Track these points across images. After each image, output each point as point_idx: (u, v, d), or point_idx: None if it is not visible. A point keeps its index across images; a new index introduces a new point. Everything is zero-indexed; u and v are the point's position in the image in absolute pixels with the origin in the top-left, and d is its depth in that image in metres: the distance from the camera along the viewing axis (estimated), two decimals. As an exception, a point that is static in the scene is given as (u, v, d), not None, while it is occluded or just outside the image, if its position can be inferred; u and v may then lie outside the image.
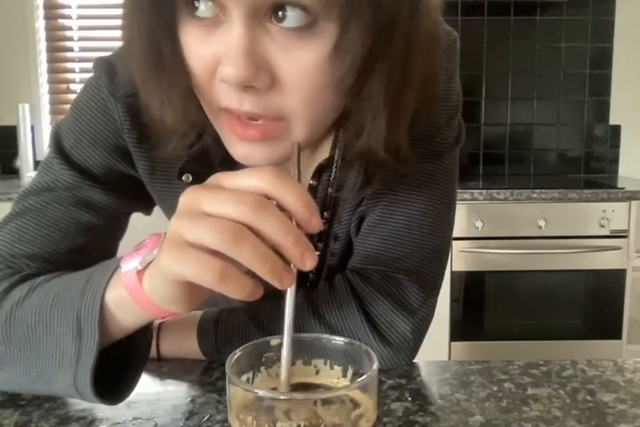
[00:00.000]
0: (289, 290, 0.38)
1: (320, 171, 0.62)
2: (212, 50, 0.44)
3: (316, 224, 0.38)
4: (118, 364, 0.51)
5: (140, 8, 0.45)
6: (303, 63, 0.44)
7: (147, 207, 0.68)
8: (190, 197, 0.38)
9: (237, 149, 0.49)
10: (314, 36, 0.43)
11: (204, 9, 0.43)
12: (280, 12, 0.42)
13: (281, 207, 0.37)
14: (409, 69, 0.48)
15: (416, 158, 0.58)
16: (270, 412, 0.34)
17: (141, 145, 0.60)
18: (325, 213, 0.64)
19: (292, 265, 0.38)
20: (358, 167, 0.59)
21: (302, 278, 0.69)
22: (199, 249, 0.36)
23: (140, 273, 0.43)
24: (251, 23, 0.42)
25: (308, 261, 0.37)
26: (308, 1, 0.41)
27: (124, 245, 0.61)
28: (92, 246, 0.61)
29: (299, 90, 0.45)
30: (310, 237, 0.65)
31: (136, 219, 0.69)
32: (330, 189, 0.63)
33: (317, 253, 0.67)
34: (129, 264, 0.44)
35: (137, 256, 0.44)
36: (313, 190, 0.63)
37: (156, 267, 0.41)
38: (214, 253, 0.36)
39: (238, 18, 0.42)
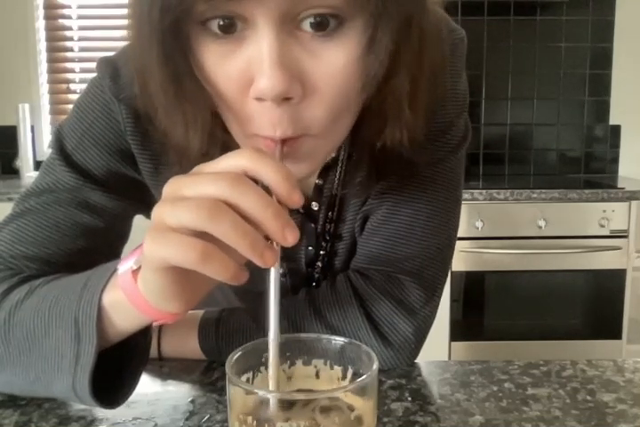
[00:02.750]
0: (272, 270, 0.38)
1: (326, 170, 0.62)
2: (239, 66, 0.42)
3: (297, 199, 0.37)
4: (117, 367, 0.50)
5: (151, 34, 0.43)
6: (335, 65, 0.43)
7: (149, 210, 0.67)
8: (172, 185, 0.38)
9: None
10: (342, 37, 0.42)
11: (224, 25, 0.41)
12: (308, 18, 0.41)
13: (262, 186, 0.37)
14: (423, 61, 0.48)
15: (423, 157, 0.58)
16: (270, 412, 0.34)
17: (145, 147, 0.59)
18: (330, 213, 0.64)
19: (274, 244, 0.37)
20: (366, 165, 0.58)
21: (307, 279, 0.69)
22: (181, 232, 0.36)
23: (135, 273, 0.43)
24: (280, 33, 0.41)
25: (290, 236, 0.37)
26: (337, 5, 0.40)
27: (127, 248, 0.61)
28: (93, 248, 0.61)
29: (331, 91, 0.43)
30: (316, 236, 0.66)
31: (139, 221, 0.68)
32: (335, 189, 0.63)
33: (322, 252, 0.67)
34: (125, 265, 0.44)
35: (132, 257, 0.44)
36: (319, 190, 0.63)
37: (143, 258, 0.40)
38: (197, 235, 0.36)
39: (266, 29, 0.40)
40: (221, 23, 0.41)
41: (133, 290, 0.43)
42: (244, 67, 0.42)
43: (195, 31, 0.42)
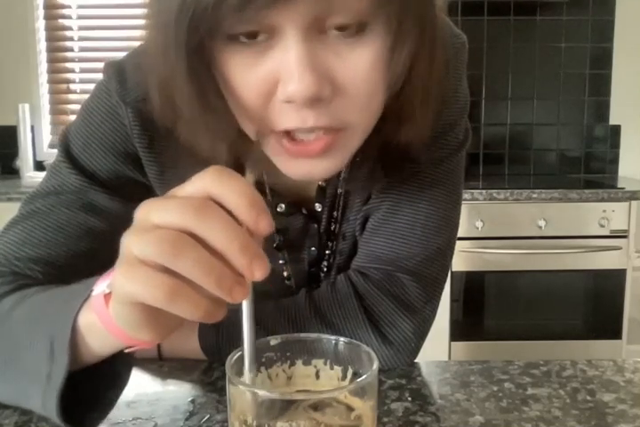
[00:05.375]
0: (244, 303, 0.36)
1: None
2: (265, 72, 0.43)
3: (265, 226, 0.34)
4: (92, 386, 0.48)
5: (177, 53, 0.43)
6: (361, 65, 0.44)
7: None
8: (142, 211, 0.35)
9: (294, 167, 0.49)
10: (367, 39, 0.43)
11: (250, 35, 0.42)
12: (334, 22, 0.42)
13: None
14: (433, 63, 0.49)
15: (424, 157, 0.59)
16: (270, 412, 0.34)
17: (151, 151, 0.59)
18: (336, 213, 0.65)
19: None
20: (368, 165, 0.59)
21: (312, 279, 0.69)
22: (150, 266, 0.34)
23: (108, 297, 0.40)
24: (306, 38, 0.42)
25: (258, 271, 0.33)
26: (362, 8, 0.41)
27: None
28: (97, 250, 0.60)
29: (359, 91, 0.45)
30: (319, 236, 0.66)
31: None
32: (340, 189, 0.63)
33: (327, 252, 0.67)
34: (99, 287, 0.42)
35: (106, 279, 0.42)
36: (322, 190, 0.63)
37: (112, 289, 0.38)
38: (168, 270, 0.34)
39: (294, 36, 0.41)
40: (248, 33, 0.42)
41: (105, 314, 0.40)
42: (270, 72, 0.43)
43: (220, 42, 0.43)
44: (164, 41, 0.44)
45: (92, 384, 0.48)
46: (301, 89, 0.42)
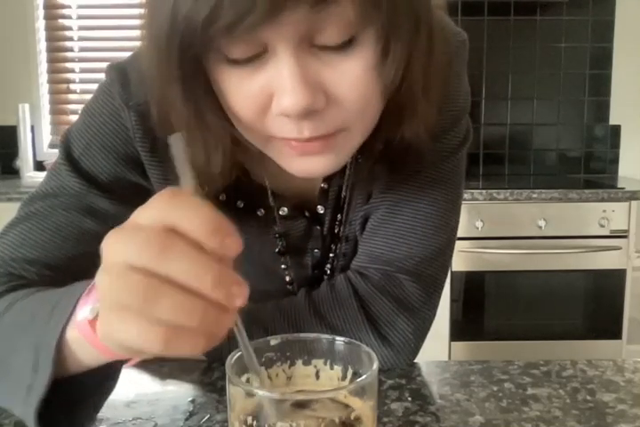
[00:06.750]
0: (235, 329, 0.35)
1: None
2: (260, 87, 0.44)
3: (233, 246, 0.32)
4: (77, 393, 0.47)
5: (170, 71, 0.44)
6: (353, 74, 0.44)
7: None
8: (107, 245, 0.34)
9: (297, 165, 0.50)
10: (357, 48, 0.44)
11: (243, 52, 0.43)
12: (323, 35, 0.42)
13: None
14: (432, 57, 0.49)
15: (425, 157, 0.59)
16: (270, 412, 0.34)
17: (154, 154, 0.59)
18: (340, 216, 0.65)
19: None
20: (370, 167, 0.59)
21: (314, 281, 0.69)
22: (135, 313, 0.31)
23: (93, 322, 0.40)
24: (297, 52, 0.42)
25: (238, 299, 0.32)
26: (350, 22, 0.42)
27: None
28: (94, 254, 0.60)
29: (353, 100, 0.45)
30: (323, 238, 0.66)
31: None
32: (344, 192, 0.63)
33: (331, 254, 0.68)
34: (82, 312, 0.41)
35: (88, 302, 0.41)
36: (324, 193, 0.63)
37: (101, 334, 0.35)
38: None
39: (286, 51, 0.42)
40: (242, 51, 0.42)
41: (92, 337, 0.39)
42: (264, 87, 0.44)
43: (213, 59, 0.44)
44: (157, 56, 0.45)
45: (77, 390, 0.46)
46: (295, 103, 0.42)
